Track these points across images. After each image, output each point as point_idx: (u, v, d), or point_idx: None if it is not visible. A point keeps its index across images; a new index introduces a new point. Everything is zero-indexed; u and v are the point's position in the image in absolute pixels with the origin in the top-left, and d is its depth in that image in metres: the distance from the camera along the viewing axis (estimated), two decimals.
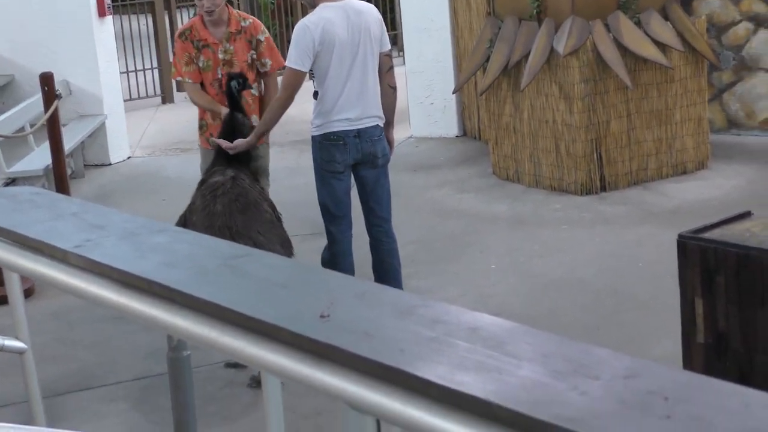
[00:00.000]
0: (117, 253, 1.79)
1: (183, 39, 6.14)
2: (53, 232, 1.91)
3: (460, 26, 9.97)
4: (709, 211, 7.34)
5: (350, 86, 5.45)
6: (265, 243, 5.13)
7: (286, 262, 1.71)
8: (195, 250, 1.79)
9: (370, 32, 5.47)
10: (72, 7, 9.76)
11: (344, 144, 5.46)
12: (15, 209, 2.05)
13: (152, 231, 1.89)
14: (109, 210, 2.02)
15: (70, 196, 8.04)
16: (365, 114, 5.48)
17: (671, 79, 8.11)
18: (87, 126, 9.58)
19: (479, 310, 4.78)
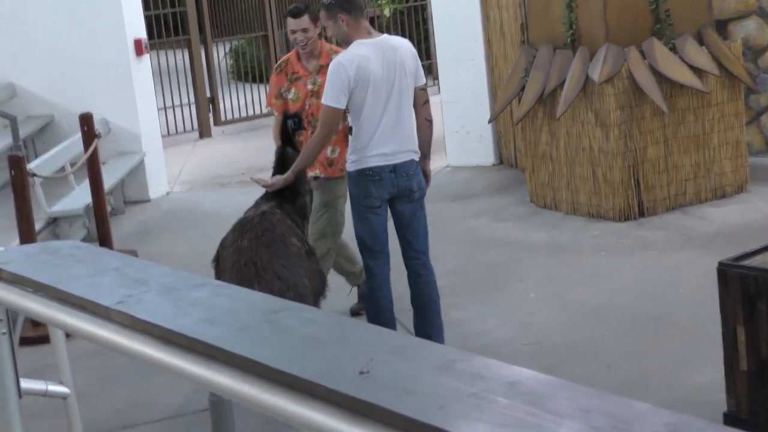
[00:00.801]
0: (158, 309, 1.81)
1: (278, 72, 6.43)
2: (95, 287, 1.94)
3: (495, 55, 9.99)
4: (749, 234, 7.30)
5: (386, 121, 5.48)
6: (290, 277, 5.19)
7: (324, 316, 1.72)
8: (234, 305, 1.81)
9: (405, 67, 5.50)
10: (110, 47, 9.89)
11: (380, 179, 5.49)
12: (57, 265, 2.08)
13: (192, 285, 1.91)
14: (150, 264, 2.04)
15: (110, 233, 8.13)
16: (401, 149, 5.51)
17: (708, 104, 8.09)
18: (126, 164, 9.68)
19: (520, 339, 4.81)
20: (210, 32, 13.82)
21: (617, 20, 7.90)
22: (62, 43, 9.97)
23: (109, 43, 9.89)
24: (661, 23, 8.00)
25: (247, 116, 13.89)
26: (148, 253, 8.33)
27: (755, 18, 9.16)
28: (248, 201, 9.67)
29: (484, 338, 6.02)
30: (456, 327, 6.14)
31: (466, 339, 6.03)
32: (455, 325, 6.18)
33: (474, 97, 10.09)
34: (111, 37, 9.90)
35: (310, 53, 6.29)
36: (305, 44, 6.22)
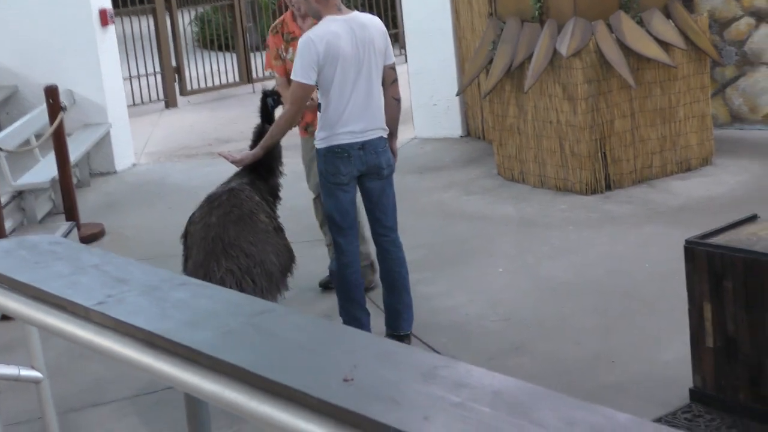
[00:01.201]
0: (140, 311, 1.82)
1: (274, 33, 6.41)
2: (75, 286, 1.94)
3: (462, 27, 9.98)
4: (715, 208, 7.37)
5: (355, 99, 5.47)
6: (257, 253, 5.27)
7: (307, 320, 1.73)
8: (217, 307, 1.81)
9: (374, 45, 5.48)
10: (75, 17, 9.79)
11: (349, 156, 5.49)
12: (36, 262, 2.08)
13: (173, 285, 1.91)
14: (130, 261, 2.04)
15: (76, 206, 8.08)
16: (370, 126, 5.51)
17: (674, 77, 8.13)
18: (92, 135, 9.61)
19: (489, 315, 4.85)
20: (175, 1, 13.69)
21: None
22: (27, 13, 9.85)
23: (74, 13, 9.79)
24: None
25: (213, 86, 13.79)
26: (115, 226, 8.30)
27: None
28: (215, 173, 9.69)
29: (453, 314, 6.05)
30: (425, 302, 6.17)
31: (435, 314, 6.06)
32: (424, 299, 6.21)
33: (441, 69, 10.08)
34: (76, 7, 9.80)
35: (306, 14, 6.25)
36: (300, 7, 6.21)
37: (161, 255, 7.50)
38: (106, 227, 8.22)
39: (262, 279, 5.32)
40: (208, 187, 9.13)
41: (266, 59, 6.69)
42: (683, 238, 5.02)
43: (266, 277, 5.36)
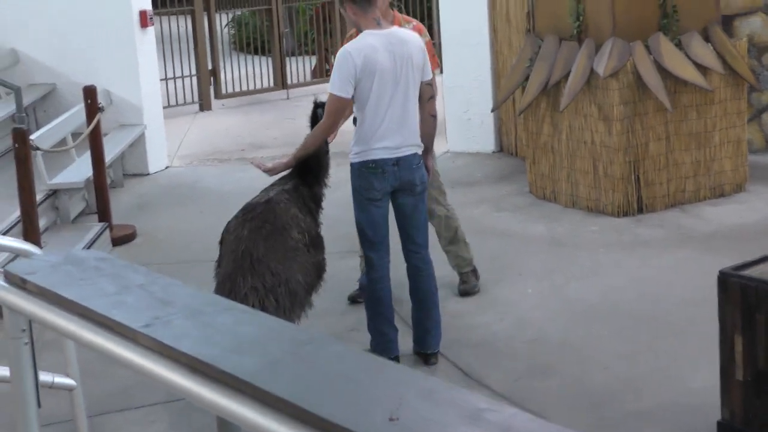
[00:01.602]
0: (184, 335, 1.84)
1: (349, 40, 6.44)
2: (121, 306, 1.96)
3: (500, 42, 9.99)
4: (748, 236, 7.34)
5: (391, 114, 5.48)
6: (283, 271, 5.29)
7: (351, 353, 1.74)
8: (261, 334, 1.83)
9: (412, 61, 5.49)
10: (115, 18, 9.86)
11: (383, 172, 5.50)
12: (82, 278, 2.10)
13: (218, 309, 1.93)
14: (174, 282, 2.06)
15: (110, 207, 8.14)
16: (405, 143, 5.51)
17: (711, 101, 8.11)
18: (127, 136, 9.68)
19: (517, 336, 4.85)
20: (214, 4, 13.76)
21: (624, 14, 7.90)
22: (67, 12, 9.94)
23: (114, 14, 9.86)
24: (668, 18, 8.00)
25: (248, 90, 13.86)
26: (147, 228, 8.35)
27: (761, 15, 9.18)
28: (247, 178, 9.75)
29: (482, 332, 6.05)
30: (454, 319, 6.18)
31: (463, 332, 6.07)
32: (453, 317, 6.22)
33: (477, 84, 10.09)
34: (116, 8, 9.87)
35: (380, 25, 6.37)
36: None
37: (192, 260, 7.54)
38: (138, 229, 8.27)
39: (285, 299, 5.31)
40: (240, 193, 9.23)
41: None
42: (715, 265, 5.01)
43: (290, 297, 5.35)
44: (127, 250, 7.88)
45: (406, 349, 5.73)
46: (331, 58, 14.95)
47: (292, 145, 10.86)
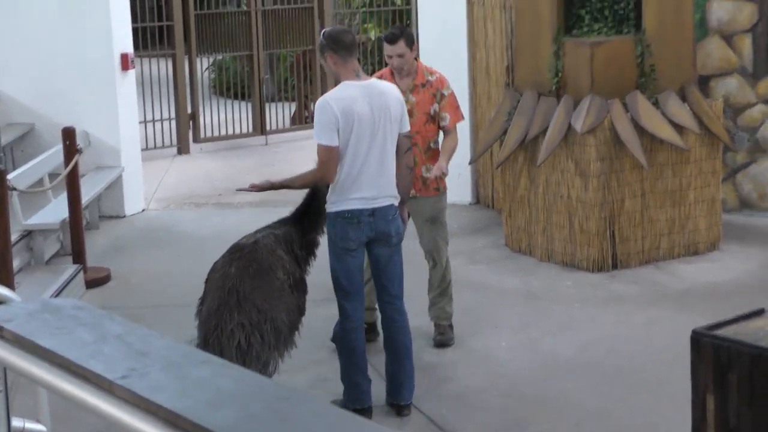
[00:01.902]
0: (162, 387, 1.83)
1: None
2: (98, 357, 1.96)
3: (479, 95, 10.06)
4: (721, 295, 7.39)
5: (368, 165, 5.50)
6: (269, 310, 5.38)
7: (329, 410, 1.75)
8: (238, 388, 1.83)
9: (390, 113, 5.52)
10: (96, 60, 9.87)
11: (358, 222, 5.52)
12: (59, 327, 2.10)
13: (195, 362, 1.93)
14: (151, 333, 2.06)
15: (85, 249, 8.10)
16: (382, 194, 5.54)
17: (686, 160, 8.18)
18: (104, 178, 9.66)
19: (491, 389, 4.85)
20: (195, 48, 13.81)
21: (603, 71, 7.99)
22: (49, 52, 9.94)
23: (96, 56, 9.88)
24: (646, 77, 8.10)
25: (227, 135, 13.87)
26: (121, 271, 8.31)
27: (737, 77, 9.30)
28: (224, 223, 9.75)
29: (456, 384, 6.05)
30: (427, 372, 6.17)
31: (438, 384, 6.06)
32: (427, 368, 6.21)
33: None
34: (98, 50, 9.88)
35: (405, 72, 6.49)
36: (401, 69, 6.42)
37: (167, 304, 7.52)
38: (113, 272, 8.23)
39: (270, 336, 5.38)
40: (216, 237, 9.24)
41: None
42: (688, 323, 5.01)
43: (275, 335, 5.42)
44: (101, 293, 7.85)
45: (379, 399, 5.72)
46: (311, 105, 15.02)
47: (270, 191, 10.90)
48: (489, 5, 9.71)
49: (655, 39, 8.07)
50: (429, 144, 6.53)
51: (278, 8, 14.43)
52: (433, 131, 6.54)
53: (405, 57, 6.42)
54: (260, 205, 10.45)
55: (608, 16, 8.19)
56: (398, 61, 6.41)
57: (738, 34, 9.25)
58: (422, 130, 6.46)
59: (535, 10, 8.38)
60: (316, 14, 14.55)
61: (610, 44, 8.01)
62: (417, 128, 6.34)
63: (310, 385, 6.05)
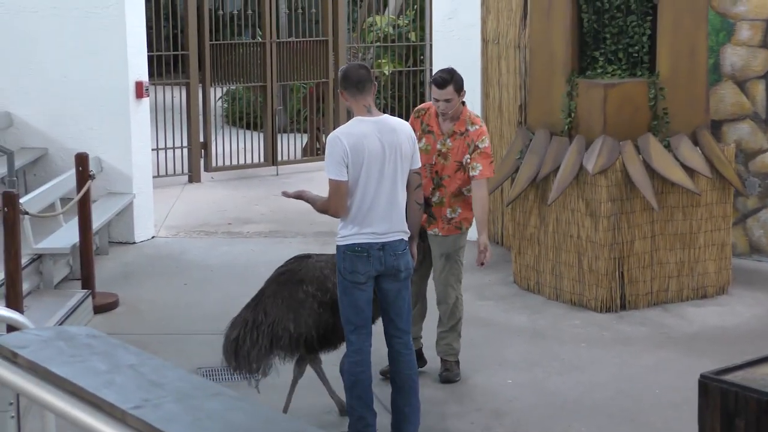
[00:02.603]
0: (174, 418, 1.84)
1: (416, 116, 6.71)
2: (112, 386, 1.97)
3: (491, 132, 10.04)
4: (729, 339, 7.38)
5: (378, 201, 5.53)
6: (275, 314, 5.84)
7: None
8: (251, 423, 1.84)
9: (401, 149, 5.55)
10: (111, 87, 9.93)
11: (368, 256, 5.54)
12: (73, 355, 2.11)
13: (207, 394, 1.94)
14: (165, 364, 2.07)
15: (94, 274, 8.12)
16: (392, 229, 5.56)
17: (697, 204, 8.19)
18: (115, 204, 9.69)
19: (494, 427, 4.84)
20: (209, 77, 13.88)
21: (616, 113, 8.02)
22: (65, 78, 10.01)
23: (110, 83, 9.94)
24: (659, 120, 8.12)
25: (238, 164, 13.90)
26: (130, 298, 8.33)
27: (749, 122, 9.31)
28: (233, 252, 9.77)
29: (459, 421, 6.04)
30: (432, 406, 6.17)
31: (442, 420, 6.06)
32: (432, 403, 6.21)
33: None
34: (113, 77, 9.94)
35: (450, 117, 6.57)
36: (445, 114, 6.50)
37: (173, 332, 7.54)
38: (121, 298, 8.25)
39: (265, 339, 5.80)
40: (224, 267, 9.28)
41: None
42: (695, 367, 5.03)
43: (270, 339, 5.83)
44: (108, 319, 7.86)
45: None
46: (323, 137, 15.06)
47: (279, 222, 10.97)
48: (503, 44, 9.75)
49: (669, 82, 8.10)
50: (460, 190, 6.59)
51: (293, 41, 14.50)
52: (463, 179, 6.57)
53: (452, 102, 6.48)
54: (270, 235, 10.49)
55: (622, 59, 8.23)
56: (444, 105, 6.47)
57: (751, 80, 9.28)
58: (453, 176, 6.55)
59: (549, 50, 8.43)
60: (331, 47, 14.61)
61: (623, 86, 8.04)
62: (449, 172, 6.53)
63: (317, 416, 6.04)
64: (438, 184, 6.58)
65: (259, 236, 10.44)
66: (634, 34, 8.18)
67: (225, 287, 8.64)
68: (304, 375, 6.04)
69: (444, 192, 6.57)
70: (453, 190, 6.56)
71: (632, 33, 8.18)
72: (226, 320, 6.03)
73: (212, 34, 13.90)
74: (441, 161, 6.55)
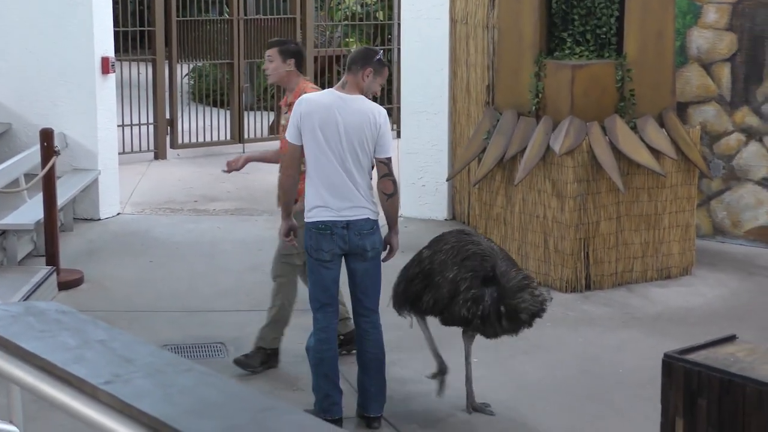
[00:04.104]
0: (145, 394, 1.84)
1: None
2: (82, 362, 1.96)
3: (458, 112, 10.10)
4: (692, 320, 7.45)
5: (336, 180, 5.50)
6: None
7: (310, 420, 1.76)
8: (222, 398, 1.84)
9: (359, 132, 5.51)
10: (76, 62, 9.85)
11: (332, 234, 5.54)
12: (43, 330, 2.10)
13: (178, 370, 1.94)
14: (136, 339, 2.07)
15: (59, 251, 8.07)
16: (353, 207, 5.54)
17: (662, 185, 8.25)
18: (80, 180, 9.63)
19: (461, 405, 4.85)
20: (176, 54, 13.79)
21: (583, 94, 8.05)
22: (29, 53, 9.91)
23: (76, 58, 9.85)
24: (625, 102, 8.16)
25: (204, 142, 13.84)
26: (94, 275, 8.28)
27: (714, 105, 9.38)
28: (198, 230, 9.74)
29: (426, 400, 6.06)
30: (398, 386, 6.19)
31: (408, 399, 6.08)
32: (398, 383, 6.22)
33: (433, 151, 10.18)
34: (79, 53, 9.86)
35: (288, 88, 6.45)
36: (266, 71, 6.48)
37: (138, 310, 7.51)
38: (86, 275, 8.21)
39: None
40: (190, 244, 9.25)
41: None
42: (658, 347, 5.08)
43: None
44: (72, 296, 7.81)
45: (350, 411, 5.73)
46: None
47: (245, 200, 10.95)
48: (472, 24, 9.75)
49: (636, 64, 8.14)
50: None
51: (260, 18, 14.43)
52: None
53: (273, 64, 6.36)
54: (236, 213, 10.47)
55: (590, 40, 8.26)
56: (266, 64, 6.45)
57: (717, 62, 9.35)
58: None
59: (517, 30, 8.44)
60: (298, 25, 14.55)
61: (591, 68, 8.07)
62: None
63: (282, 394, 6.05)
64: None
65: (225, 214, 10.42)
66: (602, 15, 8.21)
67: (191, 264, 8.62)
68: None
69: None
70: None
71: (600, 14, 8.21)
72: (192, 297, 6.05)
73: (179, 10, 13.80)
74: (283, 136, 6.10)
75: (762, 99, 9.20)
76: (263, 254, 7.95)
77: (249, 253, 8.94)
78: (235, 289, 8.04)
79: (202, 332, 7.10)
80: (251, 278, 8.14)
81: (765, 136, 9.22)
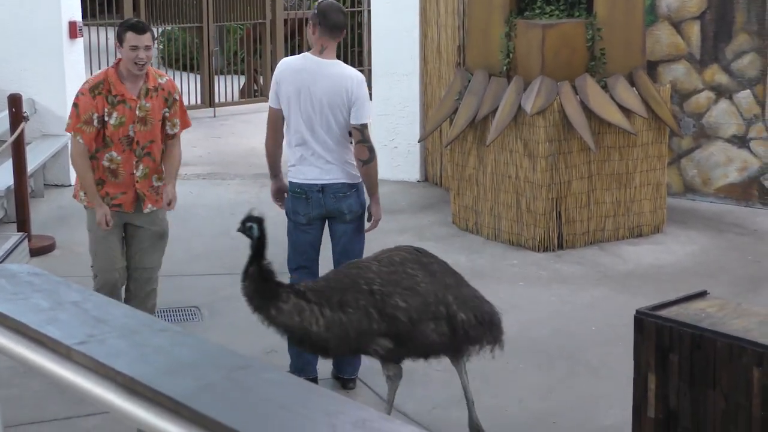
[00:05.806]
0: (120, 353, 1.84)
1: (94, 95, 5.72)
2: (55, 323, 1.96)
3: (429, 73, 10.09)
4: (663, 277, 7.50)
5: (310, 143, 5.53)
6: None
7: (287, 380, 1.77)
8: (197, 357, 1.84)
9: (331, 97, 5.50)
10: (44, 27, 9.76)
11: (307, 198, 5.55)
12: (15, 293, 2.09)
13: (153, 330, 1.94)
14: (109, 301, 2.07)
15: (29, 217, 8.03)
16: (324, 171, 5.55)
17: (633, 144, 8.28)
18: (50, 146, 9.57)
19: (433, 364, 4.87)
20: (145, 19, 13.68)
21: (554, 54, 8.05)
22: None
23: (43, 23, 9.76)
24: (596, 61, 8.17)
25: None
26: (66, 240, 8.25)
27: (684, 63, 9.41)
28: None
29: None
30: None
31: None
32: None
33: (405, 113, 10.18)
34: (46, 17, 9.77)
35: (137, 75, 5.73)
36: (144, 64, 5.66)
37: None
38: (57, 241, 8.17)
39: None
40: None
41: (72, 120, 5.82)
42: (630, 304, 5.12)
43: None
44: (44, 262, 7.78)
45: (325, 372, 5.75)
46: (260, 79, 14.94)
47: (217, 164, 10.90)
48: None
49: (606, 23, 8.14)
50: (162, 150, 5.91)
51: None
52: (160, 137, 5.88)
53: (150, 51, 5.75)
54: (208, 177, 10.43)
55: (560, 0, 8.25)
56: (144, 54, 5.63)
57: (687, 21, 9.36)
58: (158, 139, 5.83)
59: None
60: None
61: (561, 27, 8.07)
62: (153, 137, 5.80)
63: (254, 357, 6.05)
64: (141, 155, 5.80)
65: (197, 178, 10.38)
66: None
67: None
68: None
69: (149, 161, 5.83)
70: (160, 155, 5.89)
71: None
72: (165, 262, 6.04)
73: None
74: (141, 128, 5.74)
75: (731, 57, 9.23)
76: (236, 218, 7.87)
77: (222, 217, 8.93)
78: (208, 254, 8.03)
79: (177, 297, 7.09)
80: (224, 243, 8.13)
81: (735, 94, 9.26)
